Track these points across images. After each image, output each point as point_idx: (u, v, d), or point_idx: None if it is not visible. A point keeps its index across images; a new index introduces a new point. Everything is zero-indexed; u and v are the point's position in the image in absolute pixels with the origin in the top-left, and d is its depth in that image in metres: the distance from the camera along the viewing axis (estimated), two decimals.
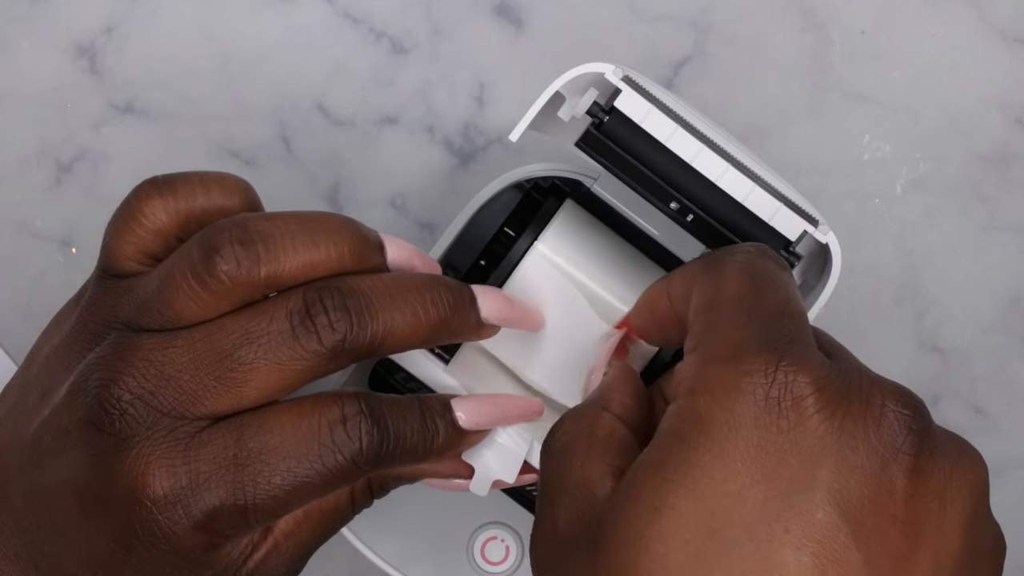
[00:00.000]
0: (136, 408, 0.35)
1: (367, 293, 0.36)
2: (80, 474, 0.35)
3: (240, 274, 0.36)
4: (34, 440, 0.37)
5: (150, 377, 0.35)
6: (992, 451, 0.53)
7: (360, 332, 0.36)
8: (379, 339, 0.36)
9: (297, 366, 0.36)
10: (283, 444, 0.36)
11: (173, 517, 0.35)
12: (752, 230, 0.41)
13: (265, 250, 0.36)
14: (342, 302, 0.36)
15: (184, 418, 0.35)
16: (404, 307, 0.37)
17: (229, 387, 0.36)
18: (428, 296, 0.38)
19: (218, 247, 0.36)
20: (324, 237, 0.37)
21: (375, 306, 0.36)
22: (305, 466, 0.36)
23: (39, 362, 0.39)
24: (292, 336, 0.36)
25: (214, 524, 0.35)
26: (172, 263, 0.37)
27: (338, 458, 0.36)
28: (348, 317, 0.36)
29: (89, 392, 0.36)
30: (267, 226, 0.36)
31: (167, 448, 0.35)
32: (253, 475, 0.35)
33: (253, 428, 0.36)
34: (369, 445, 0.36)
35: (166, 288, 0.36)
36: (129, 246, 0.38)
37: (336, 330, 0.36)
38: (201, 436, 0.35)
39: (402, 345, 0.37)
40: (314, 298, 0.36)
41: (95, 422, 0.35)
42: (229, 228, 0.36)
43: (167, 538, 0.35)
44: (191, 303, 0.36)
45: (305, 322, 0.36)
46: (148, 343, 0.36)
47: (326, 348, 0.36)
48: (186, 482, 0.35)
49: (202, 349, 0.36)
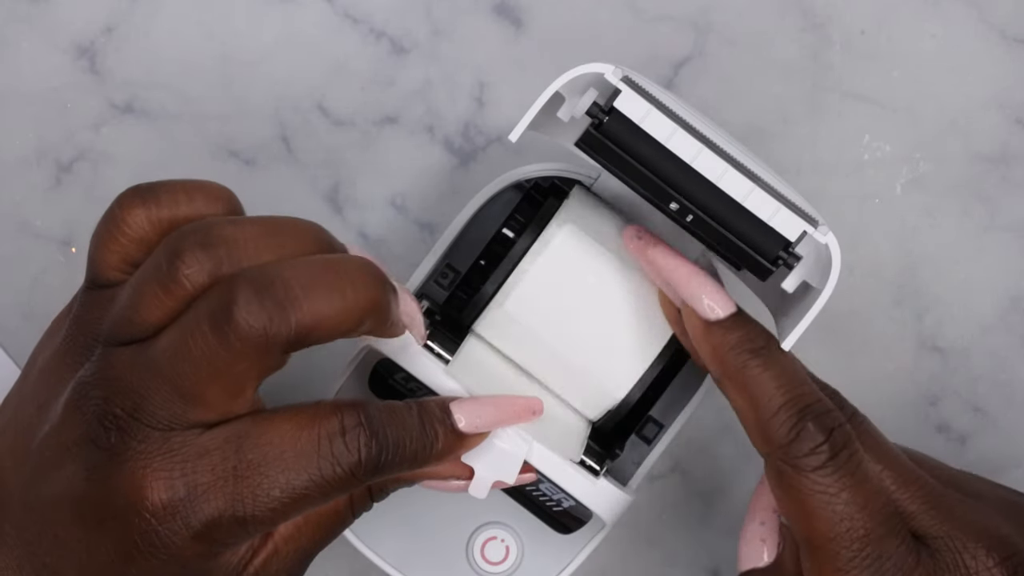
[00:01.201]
0: (129, 424, 0.35)
1: (287, 280, 0.35)
2: (79, 488, 0.36)
3: (202, 278, 0.35)
4: (35, 454, 0.37)
5: (132, 395, 0.35)
6: (992, 451, 0.53)
7: (280, 322, 0.35)
8: (305, 327, 0.35)
9: (237, 368, 0.35)
10: (282, 456, 0.36)
11: (172, 527, 0.35)
12: (752, 231, 0.41)
13: (227, 253, 0.36)
14: (257, 294, 0.35)
15: (173, 429, 0.35)
16: (330, 292, 0.36)
17: (193, 401, 0.35)
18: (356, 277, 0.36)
19: (181, 252, 0.35)
20: (288, 240, 0.37)
21: (296, 294, 0.35)
22: (304, 477, 0.36)
23: (34, 375, 0.39)
24: (215, 339, 0.35)
25: (213, 534, 0.35)
26: (141, 271, 0.36)
27: (337, 470, 0.36)
28: (263, 309, 0.34)
29: (86, 411, 0.36)
30: (231, 230, 0.36)
31: (164, 459, 0.35)
32: (252, 487, 0.35)
33: (252, 439, 0.36)
34: (368, 456, 0.36)
35: (135, 296, 0.36)
36: (113, 255, 0.38)
37: (252, 325, 0.34)
38: (198, 445, 0.35)
39: (333, 332, 0.36)
40: (227, 294, 0.35)
41: (92, 439, 0.35)
42: (192, 233, 0.36)
43: (167, 548, 0.35)
44: (156, 310, 0.36)
45: (222, 323, 0.34)
46: (125, 360, 0.36)
47: (249, 345, 0.35)
48: (184, 493, 0.35)
49: (157, 369, 0.35)
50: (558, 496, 0.45)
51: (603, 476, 0.44)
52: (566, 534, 0.48)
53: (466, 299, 0.45)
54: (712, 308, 0.41)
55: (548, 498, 0.46)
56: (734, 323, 0.41)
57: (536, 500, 0.47)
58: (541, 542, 0.48)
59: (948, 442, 0.53)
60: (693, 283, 0.42)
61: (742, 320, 0.41)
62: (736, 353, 0.40)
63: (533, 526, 0.48)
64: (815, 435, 0.38)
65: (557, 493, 0.44)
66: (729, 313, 0.41)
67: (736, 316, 0.41)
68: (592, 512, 0.44)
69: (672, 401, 0.47)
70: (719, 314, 0.41)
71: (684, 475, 0.53)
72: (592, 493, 0.43)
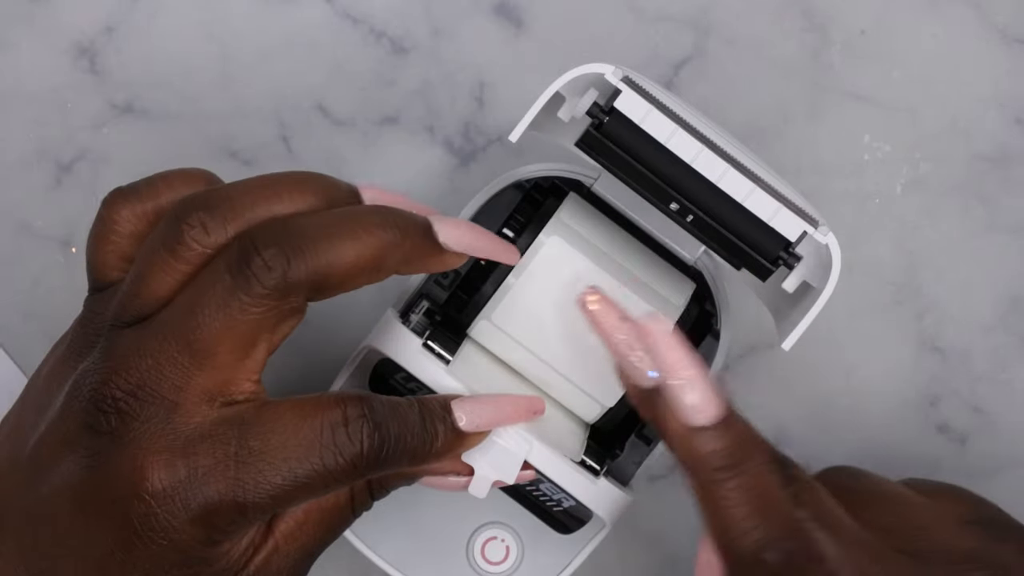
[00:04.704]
0: (129, 404, 0.35)
1: (303, 228, 0.36)
2: (79, 477, 0.35)
3: (207, 238, 0.36)
4: (32, 454, 0.37)
5: (135, 371, 0.36)
6: (992, 451, 0.53)
7: (298, 265, 0.36)
8: (323, 271, 0.36)
9: (251, 317, 0.36)
10: (285, 444, 0.36)
11: (171, 510, 0.35)
12: (752, 231, 0.41)
13: (230, 210, 0.37)
14: (274, 240, 0.36)
15: (177, 405, 0.36)
16: (345, 236, 0.37)
17: (203, 361, 0.36)
18: (372, 222, 0.37)
19: (184, 215, 0.36)
20: (288, 190, 0.38)
21: (312, 238, 0.36)
22: (306, 466, 0.36)
23: (37, 384, 0.39)
24: (234, 287, 0.35)
25: (212, 518, 0.35)
26: (146, 245, 0.37)
27: (339, 460, 0.36)
28: (282, 253, 0.35)
29: (83, 397, 0.36)
30: (229, 190, 0.37)
31: (166, 441, 0.35)
32: (254, 474, 0.35)
33: (255, 426, 0.36)
34: (370, 448, 0.36)
35: (142, 268, 0.37)
36: (109, 255, 0.39)
37: (272, 268, 0.35)
38: (200, 427, 0.36)
39: (352, 275, 0.37)
40: (247, 244, 0.36)
41: (91, 424, 0.35)
42: (192, 199, 0.37)
43: (165, 532, 0.35)
44: (166, 277, 0.36)
45: (243, 270, 0.35)
46: (129, 337, 0.36)
47: (267, 289, 0.35)
48: (185, 475, 0.35)
49: (168, 330, 0.36)
50: (558, 496, 0.45)
51: (603, 476, 0.44)
52: (566, 534, 0.48)
53: (466, 299, 0.45)
54: (698, 411, 0.37)
55: (548, 498, 0.46)
56: (719, 432, 0.37)
57: (536, 500, 0.47)
58: (541, 542, 0.48)
59: (948, 442, 0.53)
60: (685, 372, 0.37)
61: (729, 427, 0.38)
62: (712, 468, 0.37)
63: (533, 526, 0.48)
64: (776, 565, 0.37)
65: (557, 493, 0.44)
66: (719, 420, 0.37)
67: (725, 422, 0.38)
68: (592, 512, 0.44)
69: None
70: (704, 421, 0.37)
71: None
72: (592, 493, 0.43)
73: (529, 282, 0.43)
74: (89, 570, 0.36)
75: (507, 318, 0.43)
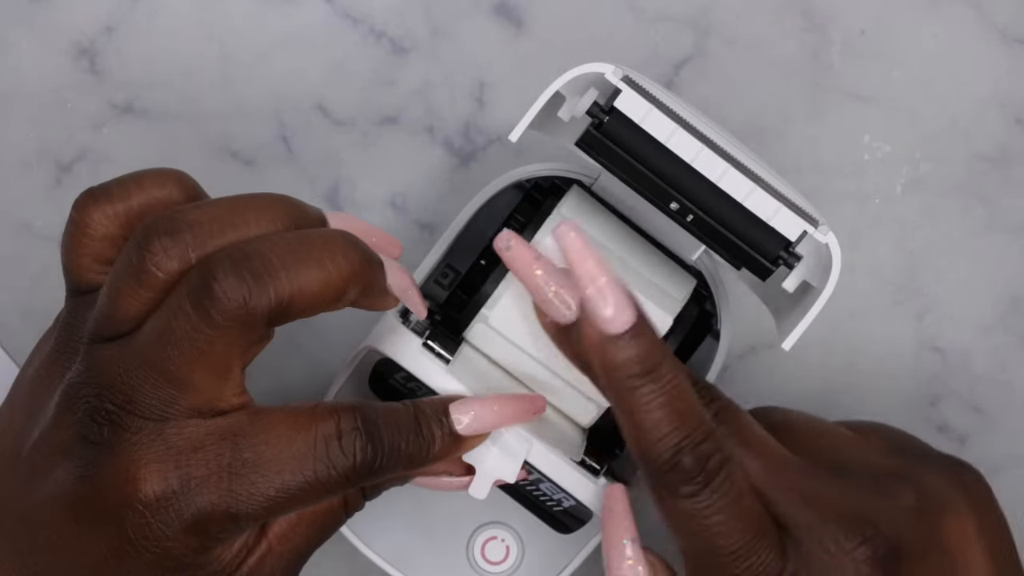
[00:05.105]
0: (122, 417, 0.35)
1: (264, 254, 0.36)
2: (73, 485, 0.36)
3: (170, 263, 0.36)
4: (27, 460, 0.37)
5: (122, 389, 0.36)
6: (992, 451, 0.53)
7: (259, 295, 0.35)
8: (285, 299, 0.36)
9: (218, 346, 0.35)
10: (278, 457, 0.36)
11: (165, 519, 0.35)
12: (752, 230, 0.41)
13: (193, 237, 0.36)
14: (234, 269, 0.35)
15: (167, 418, 0.36)
16: (310, 262, 0.36)
17: (182, 387, 0.36)
18: (338, 246, 0.37)
19: (147, 242, 0.36)
20: (255, 215, 0.37)
21: (274, 266, 0.35)
22: (299, 479, 0.36)
23: (24, 385, 0.39)
24: (197, 319, 0.35)
25: (205, 527, 0.36)
26: (114, 269, 0.37)
27: (332, 472, 0.36)
28: (243, 283, 0.35)
29: (77, 410, 0.36)
30: (195, 214, 0.37)
31: (157, 452, 0.35)
32: (247, 485, 0.35)
33: (248, 437, 0.36)
34: (363, 460, 0.36)
35: (111, 293, 0.37)
36: (83, 258, 0.39)
37: (232, 299, 0.35)
38: (193, 438, 0.36)
39: (315, 304, 0.36)
40: (206, 273, 0.35)
41: (85, 435, 0.36)
42: (156, 222, 0.37)
43: (159, 541, 0.35)
44: (134, 302, 0.36)
45: (202, 301, 0.35)
46: (111, 356, 0.36)
47: (228, 320, 0.35)
48: (177, 486, 0.35)
49: (143, 359, 0.36)
50: (558, 496, 0.45)
51: (603, 476, 0.44)
52: (566, 534, 0.48)
53: (466, 299, 0.45)
54: (614, 318, 0.37)
55: (548, 498, 0.46)
56: (632, 339, 0.37)
57: (536, 500, 0.47)
58: (541, 542, 0.48)
59: (948, 442, 0.53)
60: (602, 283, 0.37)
61: (640, 334, 0.37)
62: (627, 376, 0.37)
63: (533, 526, 0.48)
64: (691, 467, 0.37)
65: (557, 493, 0.44)
66: (630, 326, 0.37)
67: (635, 329, 0.37)
68: (592, 512, 0.44)
69: None
70: (619, 327, 0.37)
71: None
72: (592, 493, 0.43)
73: None
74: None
75: (503, 320, 0.43)
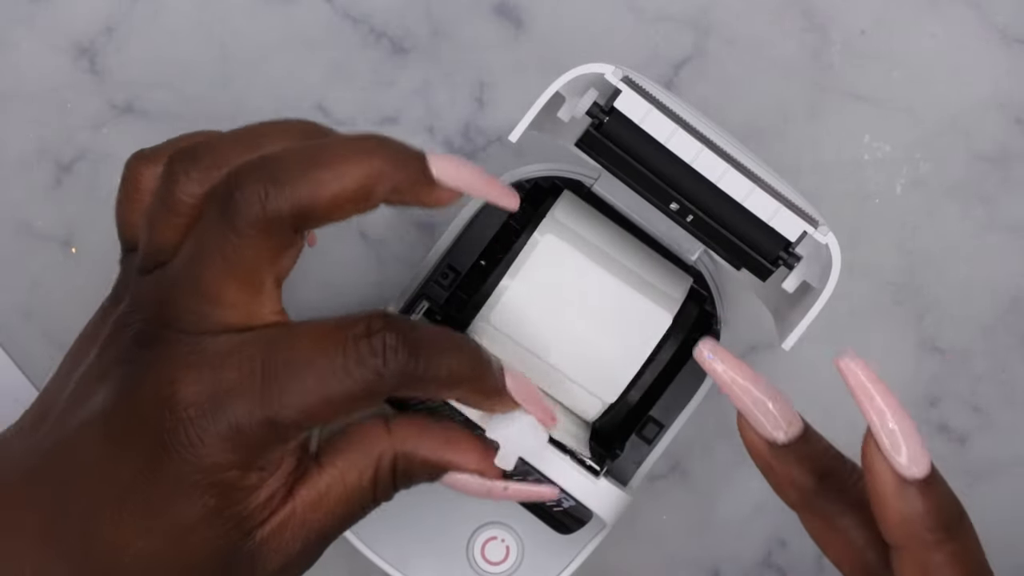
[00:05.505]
0: (161, 334, 0.37)
1: (283, 160, 0.37)
2: (111, 402, 0.36)
3: (196, 188, 0.37)
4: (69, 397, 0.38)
5: (160, 307, 0.37)
6: (992, 451, 0.53)
7: (276, 197, 0.36)
8: (304, 201, 0.36)
9: (247, 255, 0.36)
10: (309, 360, 0.36)
11: (201, 424, 0.35)
12: (752, 231, 0.41)
13: (214, 159, 0.38)
14: (253, 175, 0.36)
15: (204, 335, 0.36)
16: (328, 164, 0.37)
17: (216, 304, 0.37)
18: (361, 148, 0.37)
19: (172, 172, 0.38)
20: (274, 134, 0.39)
21: (291, 169, 0.36)
22: (333, 381, 0.36)
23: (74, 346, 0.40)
24: (223, 228, 0.36)
25: (240, 436, 0.36)
26: (150, 203, 0.39)
27: (363, 370, 0.36)
28: (260, 186, 0.36)
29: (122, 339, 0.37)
30: (215, 141, 0.38)
31: (194, 357, 0.36)
32: (280, 387, 0.36)
33: (280, 342, 0.36)
34: (393, 358, 0.36)
35: (148, 227, 0.38)
36: (133, 214, 0.40)
37: (251, 202, 0.36)
38: (227, 346, 0.36)
39: (337, 204, 0.37)
40: (230, 182, 0.36)
41: (124, 358, 0.37)
42: (182, 151, 0.38)
43: (194, 449, 0.35)
44: (168, 230, 0.38)
45: (226, 209, 0.36)
46: (150, 284, 0.38)
47: (250, 224, 0.36)
48: (212, 388, 0.36)
49: (178, 279, 0.37)
50: (558, 496, 0.45)
51: (603, 476, 0.44)
52: (566, 534, 0.48)
53: (466, 299, 0.45)
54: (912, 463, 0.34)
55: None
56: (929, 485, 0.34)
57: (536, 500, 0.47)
58: (541, 542, 0.48)
59: (948, 442, 0.53)
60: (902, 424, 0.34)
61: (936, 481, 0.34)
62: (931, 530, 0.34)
63: (533, 526, 0.48)
64: None
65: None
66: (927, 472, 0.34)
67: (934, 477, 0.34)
68: (592, 512, 0.44)
69: (672, 401, 0.47)
70: (917, 473, 0.34)
71: (684, 475, 0.53)
72: (592, 493, 0.43)
73: (525, 281, 0.43)
74: (116, 498, 0.36)
75: (504, 319, 0.43)
